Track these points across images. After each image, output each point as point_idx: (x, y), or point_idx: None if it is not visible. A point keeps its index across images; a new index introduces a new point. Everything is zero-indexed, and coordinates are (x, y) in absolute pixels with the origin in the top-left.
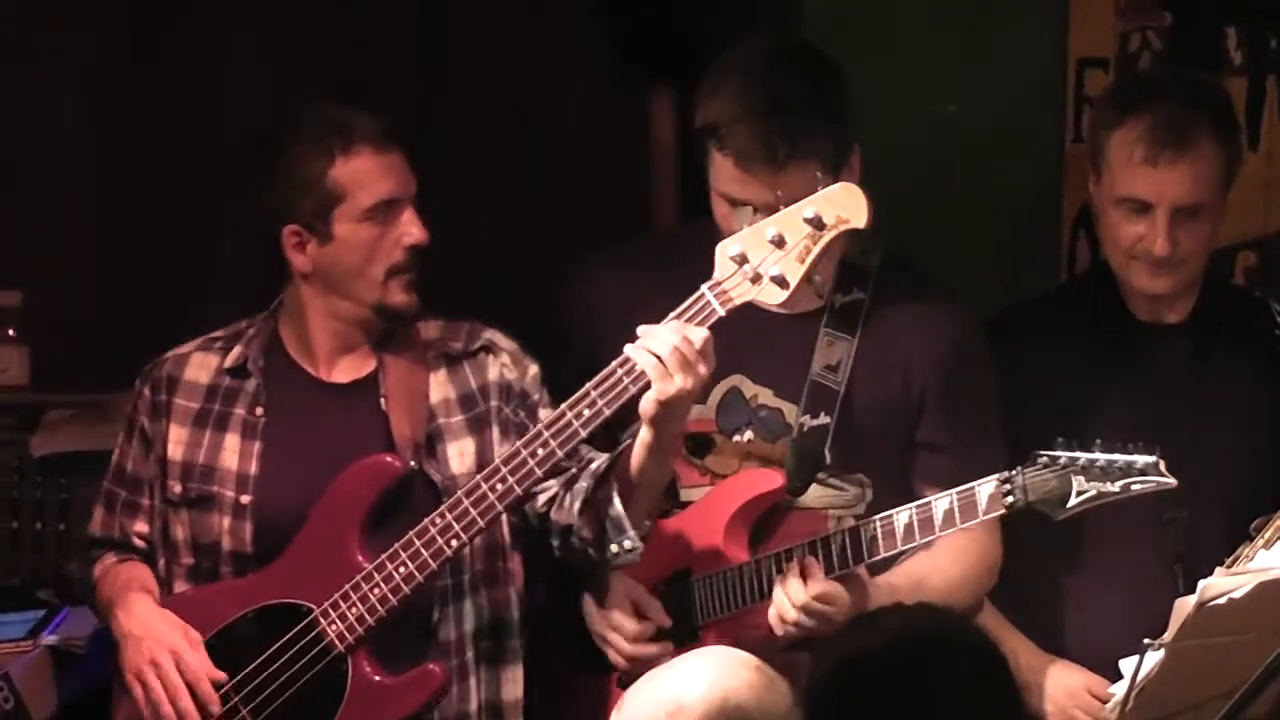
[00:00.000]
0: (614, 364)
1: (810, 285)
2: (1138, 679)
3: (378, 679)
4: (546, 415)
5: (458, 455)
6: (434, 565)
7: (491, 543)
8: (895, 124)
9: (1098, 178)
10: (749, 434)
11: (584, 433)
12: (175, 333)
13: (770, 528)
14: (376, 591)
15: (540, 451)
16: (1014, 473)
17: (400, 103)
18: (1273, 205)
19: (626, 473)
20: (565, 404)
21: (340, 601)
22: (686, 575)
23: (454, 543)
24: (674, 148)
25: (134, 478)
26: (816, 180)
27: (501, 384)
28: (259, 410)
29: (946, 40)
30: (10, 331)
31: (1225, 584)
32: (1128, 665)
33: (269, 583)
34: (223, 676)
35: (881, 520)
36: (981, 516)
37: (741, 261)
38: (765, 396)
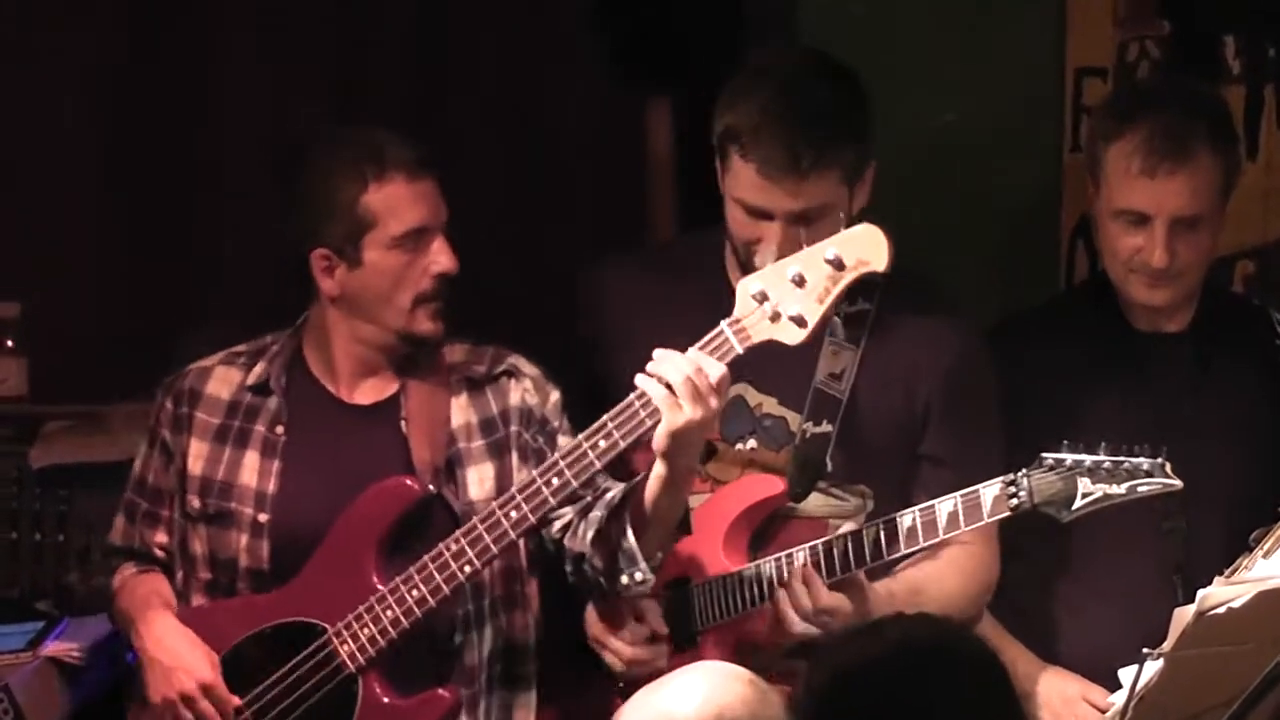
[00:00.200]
0: (631, 396)
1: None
2: (1137, 688)
3: (387, 700)
4: (565, 442)
5: (477, 481)
6: (446, 590)
7: (510, 567)
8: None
9: (1096, 189)
10: (752, 442)
11: (599, 464)
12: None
13: (770, 535)
14: (389, 613)
15: (555, 481)
16: (1019, 475)
17: (400, 103)
18: (1271, 215)
19: (640, 505)
20: (582, 435)
21: (354, 622)
22: (686, 581)
23: (467, 568)
24: (671, 156)
25: (155, 489)
26: (835, 190)
27: (523, 409)
28: (279, 429)
29: (944, 50)
30: (9, 343)
31: (1224, 593)
32: (1127, 675)
33: (284, 601)
34: (239, 702)
35: (885, 523)
36: (986, 519)
37: (762, 299)
38: (770, 405)
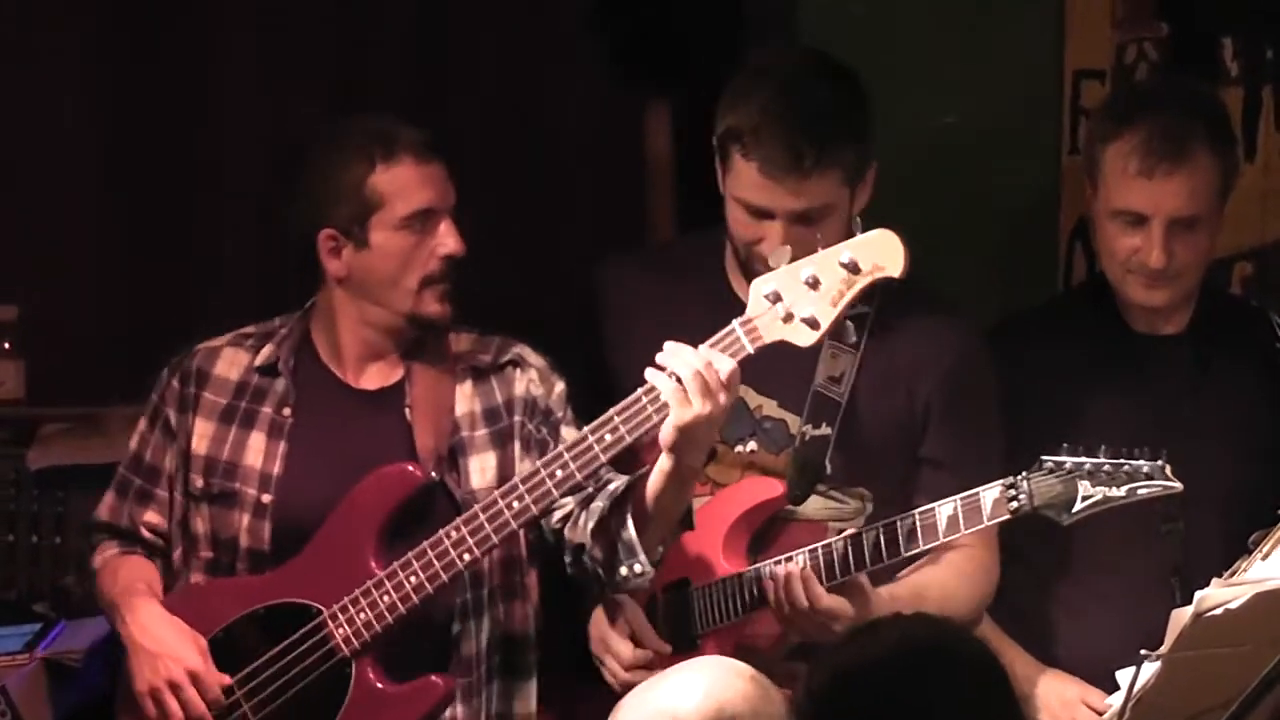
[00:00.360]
0: (639, 391)
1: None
2: (1134, 690)
3: (380, 686)
4: (569, 433)
5: (479, 470)
6: (444, 577)
7: (510, 557)
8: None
9: (1094, 190)
10: (752, 444)
11: (604, 458)
12: (173, 341)
13: (770, 538)
14: (386, 599)
15: (559, 473)
16: (1019, 478)
17: (400, 103)
18: (1269, 216)
19: (643, 498)
20: (588, 428)
21: (350, 606)
22: (686, 584)
23: (466, 556)
24: (670, 156)
25: (151, 467)
26: (837, 190)
27: (527, 399)
28: (286, 411)
29: (943, 51)
30: (6, 345)
31: (1222, 595)
32: (1124, 676)
33: (280, 582)
34: (229, 681)
35: (884, 526)
36: (986, 522)
37: (775, 300)
38: (769, 407)
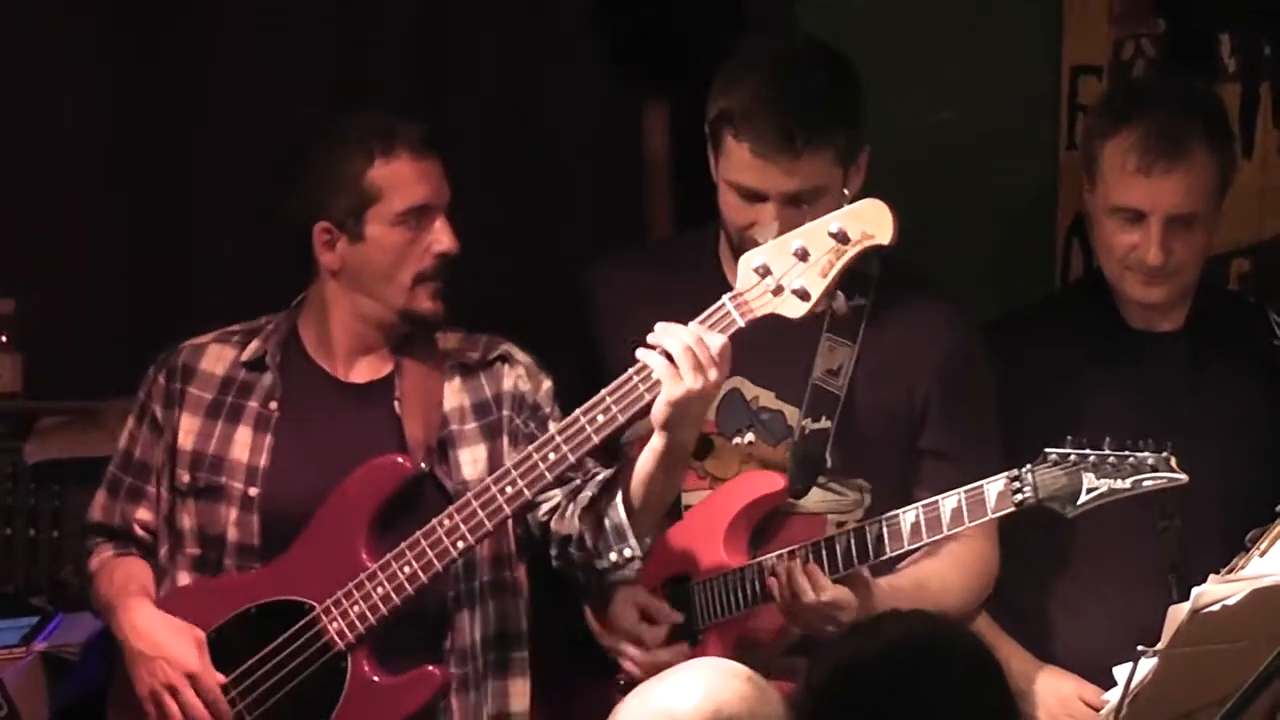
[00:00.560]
0: (630, 371)
1: (830, 300)
2: (1131, 686)
3: (376, 679)
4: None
5: (470, 461)
6: (438, 566)
7: (499, 553)
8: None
9: (1092, 186)
10: (750, 436)
11: (597, 439)
12: (172, 338)
13: (770, 532)
14: (379, 590)
15: (552, 456)
16: (1024, 470)
17: (400, 103)
18: (1266, 212)
19: (632, 481)
20: (579, 409)
21: (343, 599)
22: (686, 579)
23: (460, 544)
24: (669, 156)
25: (141, 464)
26: (829, 171)
27: (515, 394)
28: (273, 404)
29: (941, 48)
30: (4, 338)
31: (1219, 591)
32: (1121, 672)
33: (272, 578)
34: (224, 681)
35: (888, 520)
36: (990, 514)
37: (764, 273)
38: (766, 399)
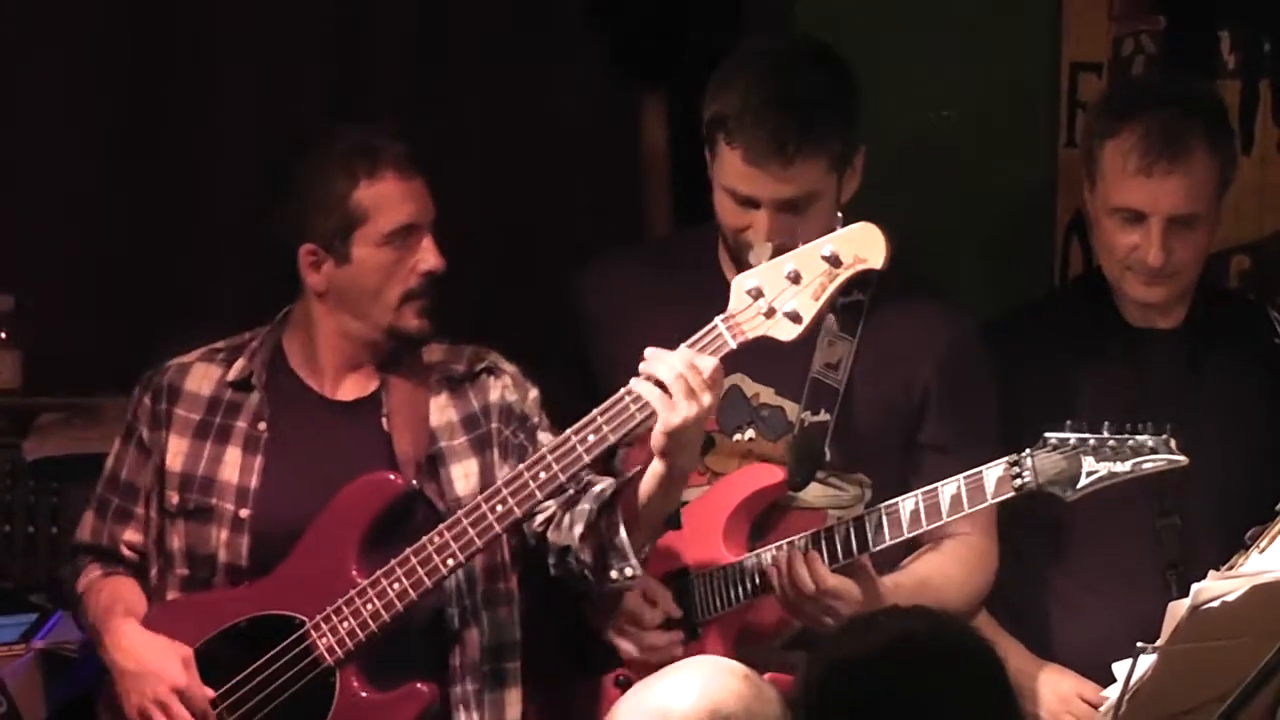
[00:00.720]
0: (621, 392)
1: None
2: (1131, 683)
3: (365, 695)
4: (546, 438)
5: (462, 476)
6: (429, 583)
7: (493, 564)
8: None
9: (1092, 186)
10: (750, 432)
11: (588, 459)
12: (170, 332)
13: (769, 526)
14: (369, 607)
15: (542, 475)
16: (1023, 455)
17: (400, 101)
18: (1266, 210)
19: (632, 502)
20: (571, 429)
21: (332, 615)
22: (686, 573)
23: (450, 561)
24: (666, 152)
25: (128, 485)
26: (823, 177)
27: (503, 406)
28: (261, 425)
29: (940, 45)
30: (2, 335)
31: (1218, 587)
32: (1121, 669)
33: (262, 593)
34: (213, 695)
35: (887, 508)
36: (990, 500)
37: (757, 295)
38: (766, 395)
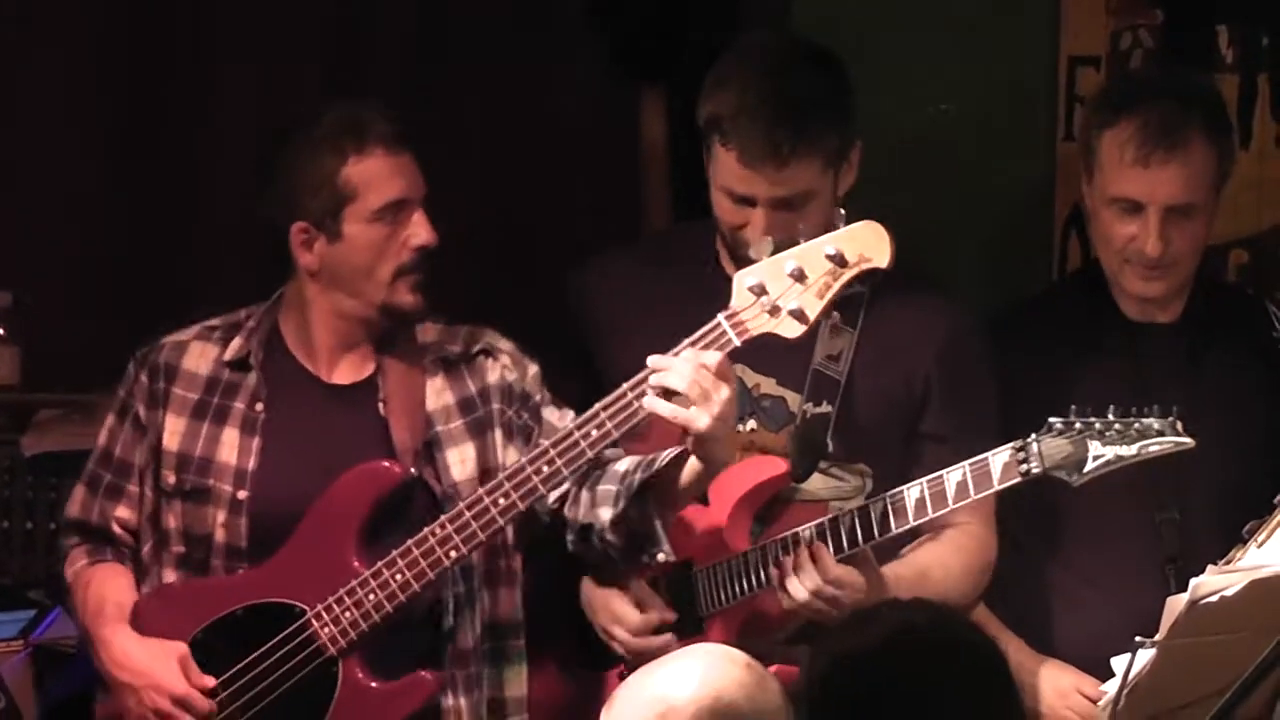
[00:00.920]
0: (624, 386)
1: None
2: (1129, 677)
3: (371, 685)
4: (550, 414)
5: (458, 461)
6: (431, 575)
7: (496, 543)
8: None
9: (1089, 178)
10: (752, 424)
11: (591, 454)
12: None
13: (772, 518)
14: (372, 598)
15: (545, 469)
16: (1029, 440)
17: (400, 98)
18: (1265, 204)
19: (667, 493)
20: (573, 423)
21: (334, 605)
22: (689, 565)
23: (453, 554)
24: (665, 148)
25: (122, 462)
26: (818, 176)
27: (502, 386)
28: (259, 406)
29: (938, 39)
30: (1, 331)
31: (1217, 582)
32: (1119, 664)
33: (262, 581)
34: (213, 684)
35: (891, 497)
36: (996, 486)
37: (760, 293)
38: (768, 386)
